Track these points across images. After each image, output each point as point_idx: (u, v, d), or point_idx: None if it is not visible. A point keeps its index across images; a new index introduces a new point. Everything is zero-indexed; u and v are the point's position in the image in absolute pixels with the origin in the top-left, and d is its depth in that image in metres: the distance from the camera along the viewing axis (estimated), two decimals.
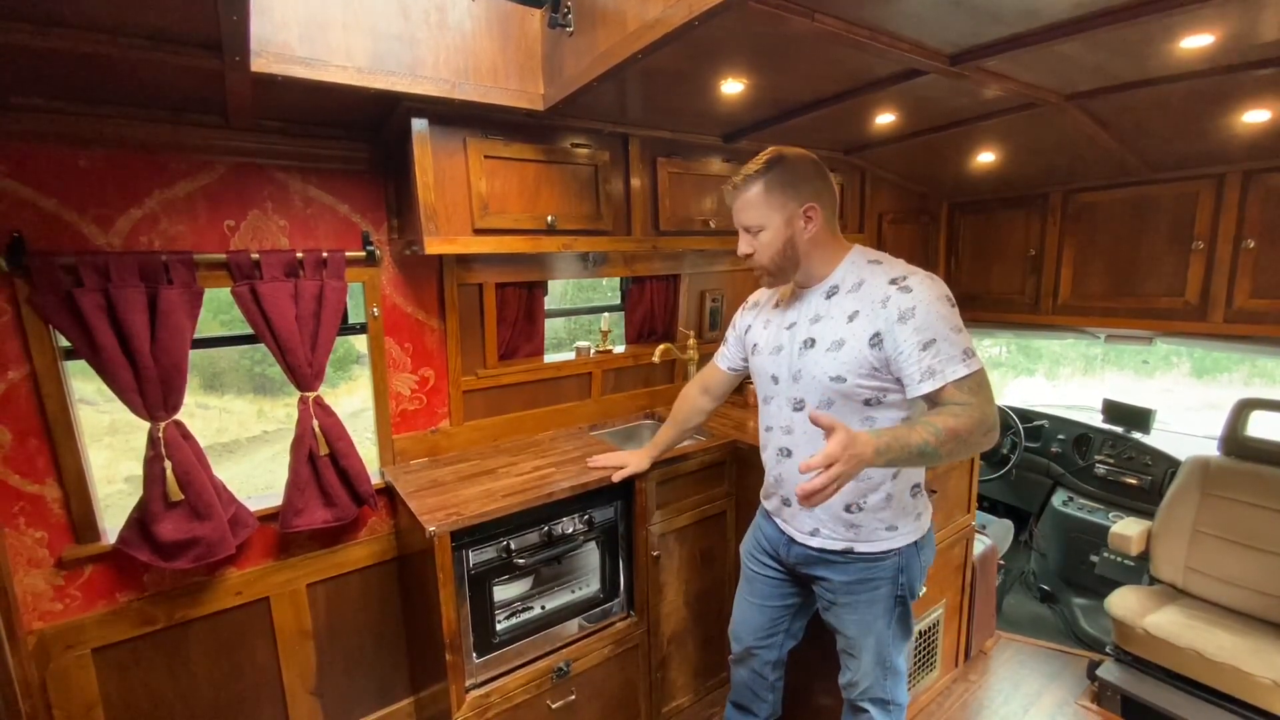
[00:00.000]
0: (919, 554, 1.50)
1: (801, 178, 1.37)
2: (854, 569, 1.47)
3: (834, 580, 1.51)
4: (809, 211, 1.36)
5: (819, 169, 1.40)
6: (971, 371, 1.23)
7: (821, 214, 1.37)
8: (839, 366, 1.35)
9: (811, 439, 1.44)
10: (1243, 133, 1.93)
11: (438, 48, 1.59)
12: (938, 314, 1.24)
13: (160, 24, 1.18)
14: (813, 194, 1.37)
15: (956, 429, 1.19)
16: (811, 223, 1.37)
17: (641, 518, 2.04)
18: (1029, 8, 1.23)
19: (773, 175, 1.36)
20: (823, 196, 1.38)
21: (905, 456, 1.16)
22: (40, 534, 1.63)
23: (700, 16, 1.12)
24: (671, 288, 2.75)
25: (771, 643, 1.74)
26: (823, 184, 1.39)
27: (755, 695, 1.82)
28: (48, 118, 1.50)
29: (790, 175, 1.36)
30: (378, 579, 2.14)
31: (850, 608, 1.51)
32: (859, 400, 1.36)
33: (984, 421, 1.22)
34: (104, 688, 1.73)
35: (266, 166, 1.81)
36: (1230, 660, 1.97)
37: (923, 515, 1.51)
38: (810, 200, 1.36)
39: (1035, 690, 2.40)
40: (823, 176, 1.39)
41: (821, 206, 1.37)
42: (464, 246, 1.81)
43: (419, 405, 2.18)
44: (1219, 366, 5.31)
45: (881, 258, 1.40)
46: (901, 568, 1.47)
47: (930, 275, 1.31)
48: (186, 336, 1.66)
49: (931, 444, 1.17)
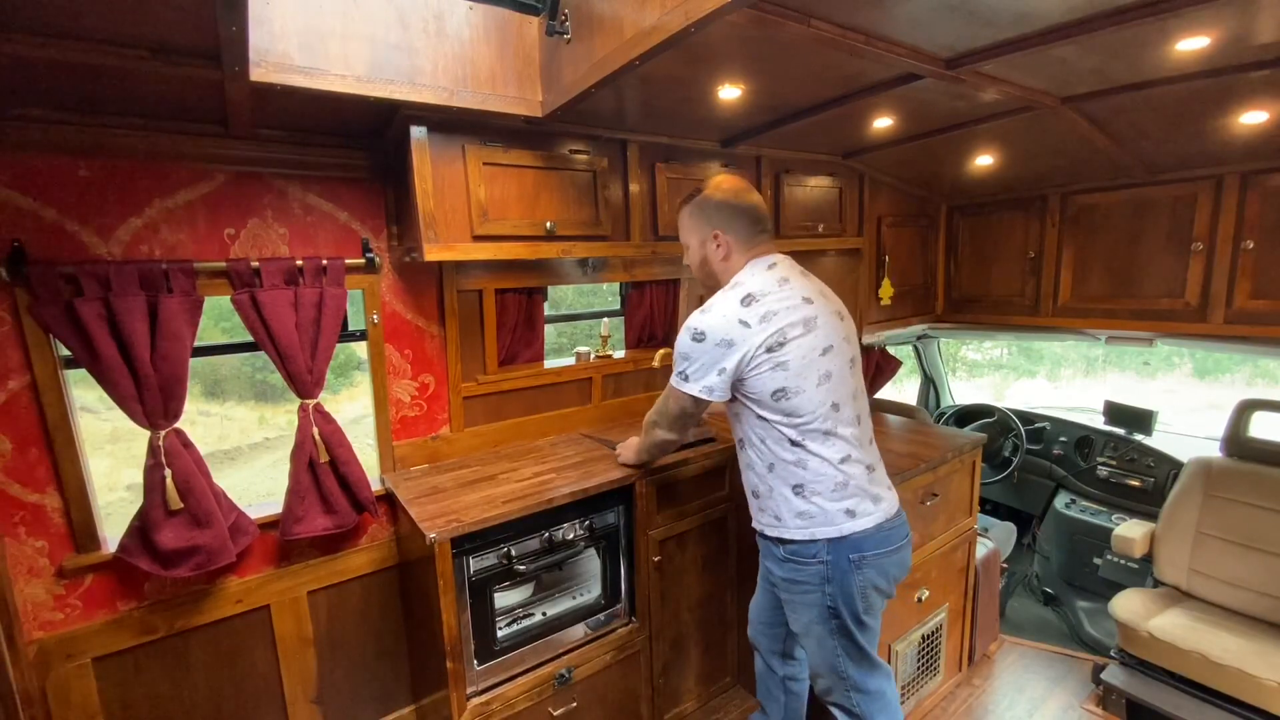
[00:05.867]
0: (854, 569, 1.49)
1: (713, 208, 1.59)
2: (786, 566, 1.56)
3: (773, 572, 1.63)
4: (716, 238, 1.59)
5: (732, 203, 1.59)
6: (672, 383, 1.59)
7: (730, 239, 1.59)
8: None
9: None
10: (1240, 134, 1.93)
11: (436, 56, 1.60)
12: (680, 337, 1.56)
13: (160, 35, 1.19)
14: (722, 223, 1.58)
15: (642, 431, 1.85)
16: (720, 246, 1.60)
17: (642, 523, 2.04)
18: (1024, 11, 1.23)
19: (695, 204, 1.63)
20: (733, 224, 1.58)
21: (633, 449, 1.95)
22: (41, 543, 1.63)
23: (697, 23, 1.13)
24: (671, 292, 2.75)
25: (774, 633, 1.83)
26: (733, 213, 1.58)
27: (768, 691, 1.90)
28: (48, 128, 1.51)
29: (705, 205, 1.61)
30: (378, 586, 2.14)
31: (790, 605, 1.62)
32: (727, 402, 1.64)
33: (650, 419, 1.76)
34: (105, 697, 1.72)
35: (266, 175, 1.81)
36: (1235, 663, 1.95)
37: (814, 515, 1.50)
38: (717, 228, 1.59)
39: (1040, 694, 2.39)
40: (733, 208, 1.58)
41: (729, 233, 1.58)
42: (463, 253, 1.81)
43: (419, 412, 2.18)
44: (1221, 367, 5.30)
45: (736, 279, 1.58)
46: (828, 577, 1.50)
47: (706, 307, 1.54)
48: (187, 345, 1.66)
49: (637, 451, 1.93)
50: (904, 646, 2.09)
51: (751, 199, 1.60)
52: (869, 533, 1.50)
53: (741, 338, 1.46)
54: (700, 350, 1.50)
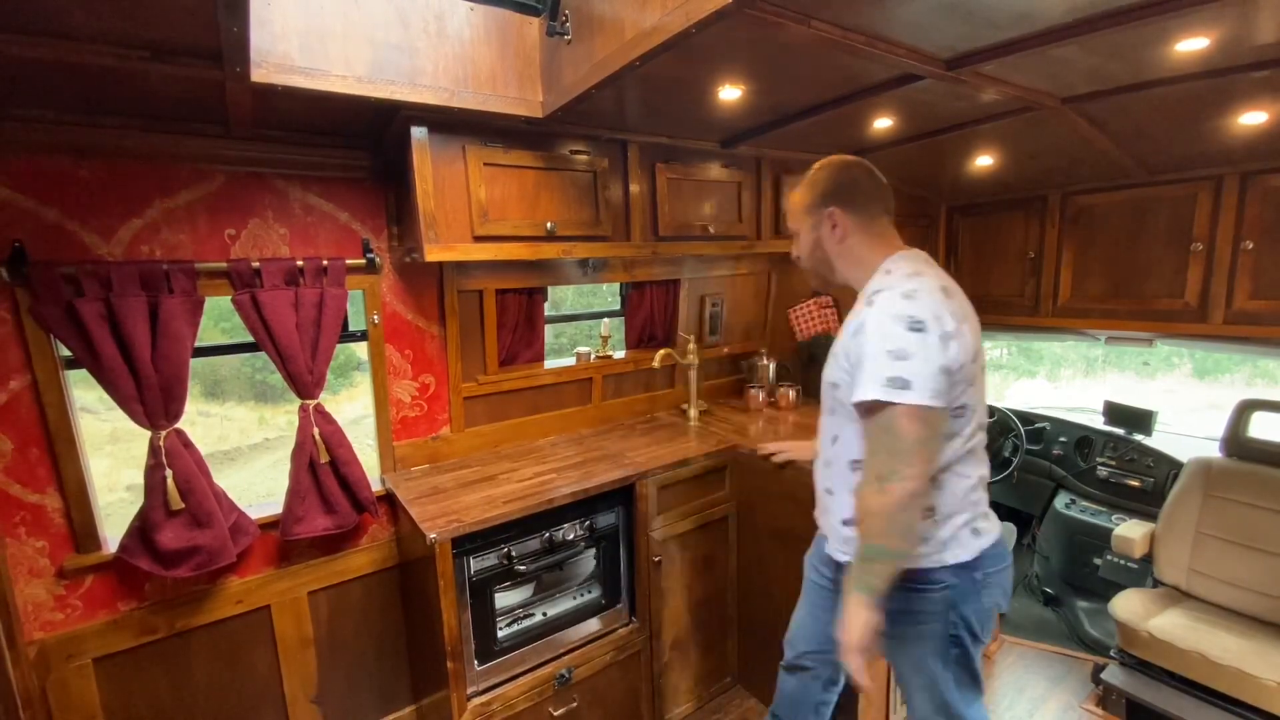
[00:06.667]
0: (978, 591, 1.32)
1: (830, 184, 1.40)
2: (897, 596, 1.28)
3: None
4: (831, 216, 1.38)
5: (852, 176, 1.40)
6: (886, 400, 1.16)
7: (849, 219, 1.38)
8: (832, 373, 1.39)
9: (824, 439, 1.47)
10: (1240, 135, 1.93)
11: (437, 56, 1.60)
12: (879, 331, 1.21)
13: (161, 35, 1.19)
14: (839, 199, 1.38)
15: (858, 511, 1.25)
16: (837, 227, 1.39)
17: (643, 523, 2.04)
18: (1024, 12, 1.23)
19: (807, 181, 1.44)
20: (853, 201, 1.38)
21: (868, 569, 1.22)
22: (41, 543, 1.63)
23: (697, 24, 1.13)
24: (671, 293, 2.75)
25: (824, 659, 1.61)
26: (854, 190, 1.39)
27: (796, 711, 1.69)
28: (49, 128, 1.51)
29: (819, 182, 1.41)
30: (379, 586, 2.14)
31: (898, 641, 1.36)
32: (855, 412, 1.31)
33: (870, 480, 1.20)
34: (105, 698, 1.73)
35: (267, 175, 1.81)
36: (1235, 663, 1.96)
37: (945, 540, 1.31)
38: (834, 205, 1.38)
39: (1040, 694, 2.39)
40: (854, 184, 1.39)
41: (848, 212, 1.38)
42: (464, 253, 1.81)
43: (419, 412, 2.18)
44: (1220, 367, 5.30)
45: (896, 266, 1.34)
46: (954, 603, 1.30)
47: (909, 292, 1.23)
48: (187, 345, 1.66)
49: (860, 545, 1.23)
50: None
51: (869, 173, 1.41)
52: (988, 550, 1.34)
53: (956, 333, 1.22)
54: (922, 344, 1.17)
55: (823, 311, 2.91)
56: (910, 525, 1.22)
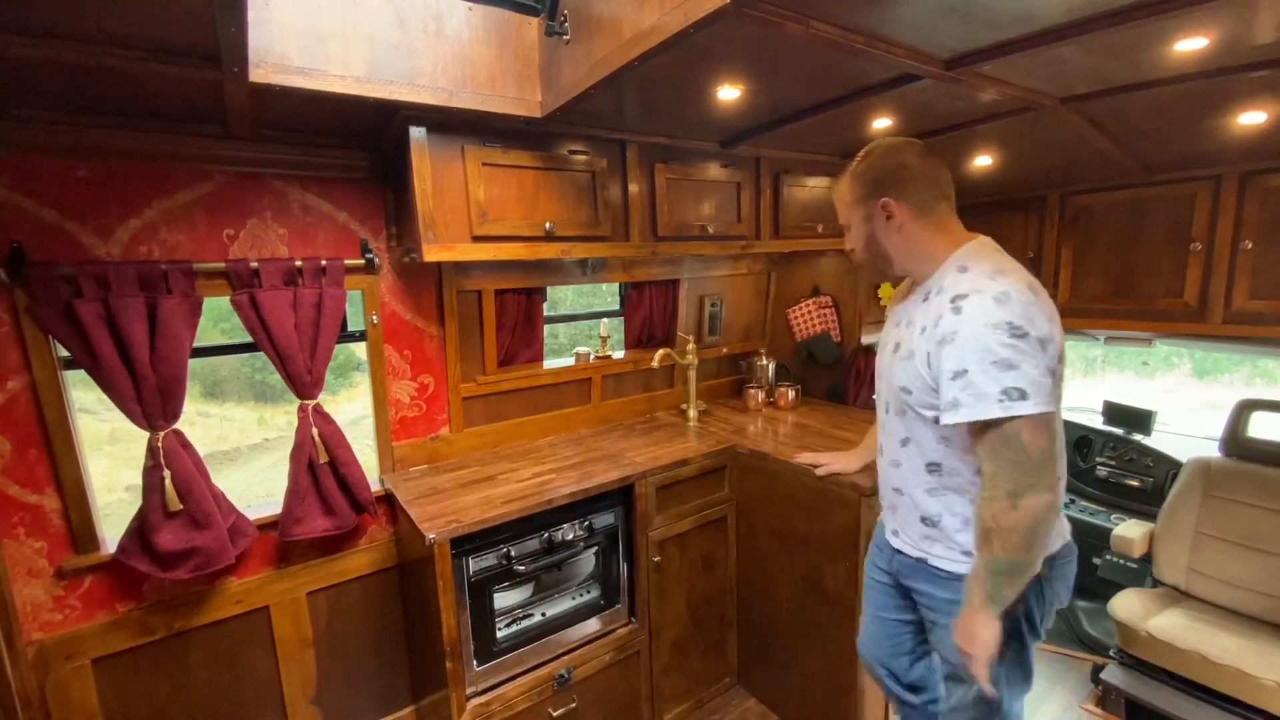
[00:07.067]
0: (1041, 584, 1.28)
1: (881, 172, 1.32)
2: (955, 585, 1.29)
3: (934, 595, 1.38)
4: (885, 207, 1.31)
5: (901, 161, 1.31)
6: (1003, 416, 1.12)
7: (905, 209, 1.30)
8: (905, 377, 1.31)
9: (891, 439, 1.41)
10: (1239, 134, 1.93)
11: (435, 56, 1.60)
12: (978, 343, 1.14)
13: (159, 36, 1.18)
14: (893, 188, 1.30)
15: (980, 528, 1.19)
16: (892, 219, 1.32)
17: (642, 523, 2.04)
18: (1023, 12, 1.23)
19: (854, 171, 1.36)
20: (907, 189, 1.30)
21: (994, 584, 1.18)
22: (39, 544, 1.63)
23: (696, 24, 1.13)
24: (670, 293, 2.75)
25: (897, 663, 1.57)
26: (907, 177, 1.30)
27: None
28: (47, 129, 1.51)
29: (868, 170, 1.34)
30: (378, 587, 2.13)
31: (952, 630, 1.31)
32: (929, 416, 1.28)
33: (1000, 498, 1.14)
34: (104, 699, 1.72)
35: (265, 175, 1.81)
36: (1234, 662, 1.96)
37: None
38: (886, 195, 1.31)
39: (1039, 694, 2.39)
40: (905, 170, 1.31)
41: (904, 201, 1.30)
42: (462, 254, 1.81)
43: (418, 412, 2.18)
44: (1220, 367, 5.30)
45: (972, 263, 1.26)
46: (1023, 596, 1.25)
47: (1000, 296, 1.16)
48: (186, 346, 1.66)
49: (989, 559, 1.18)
50: None
51: (921, 155, 1.32)
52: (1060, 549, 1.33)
53: (1049, 335, 1.18)
54: (1027, 350, 1.13)
55: (822, 311, 2.90)
56: (1044, 535, 1.18)
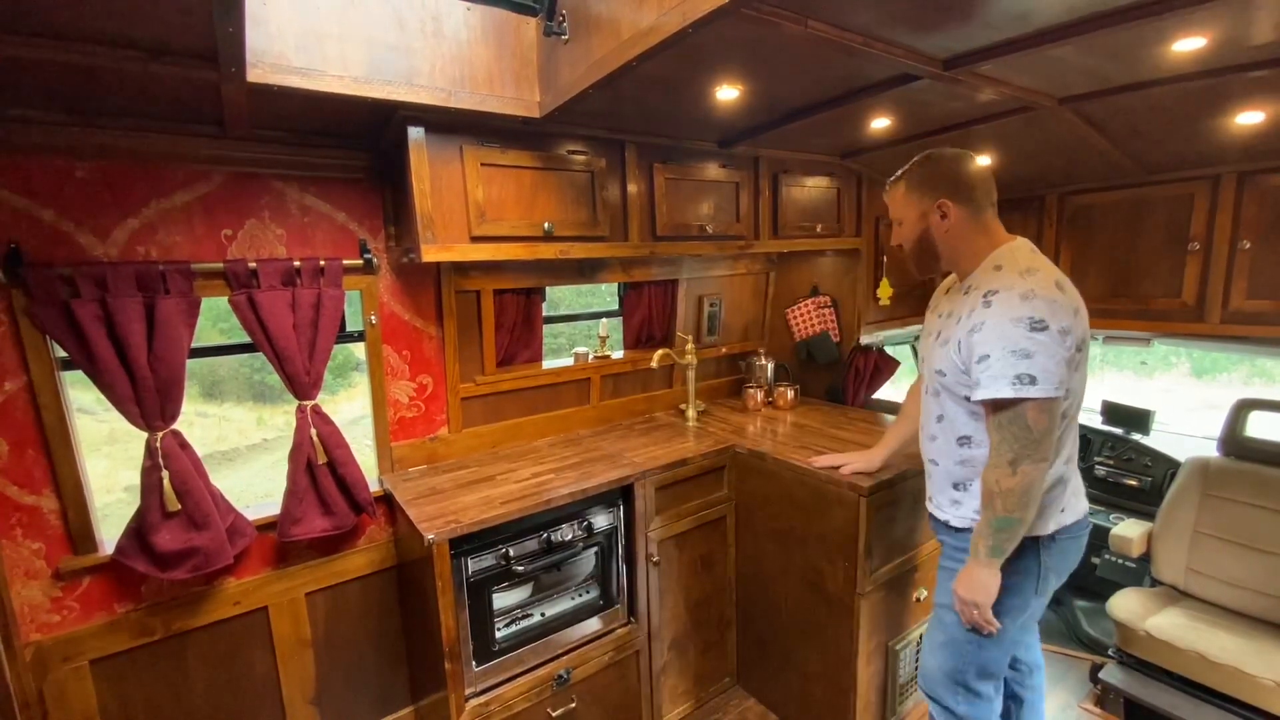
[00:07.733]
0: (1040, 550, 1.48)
1: (940, 176, 1.49)
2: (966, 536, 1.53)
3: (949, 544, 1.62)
4: (941, 207, 1.48)
5: (962, 168, 1.48)
6: (1013, 396, 1.31)
7: (958, 210, 1.47)
8: (941, 360, 1.50)
9: (928, 416, 1.61)
10: (1237, 134, 1.93)
11: (434, 56, 1.60)
12: (1000, 332, 1.33)
13: (156, 36, 1.18)
14: (950, 191, 1.47)
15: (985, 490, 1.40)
16: (946, 218, 1.48)
17: (641, 523, 2.04)
18: (1021, 12, 1.23)
19: (912, 173, 1.53)
20: (961, 193, 1.47)
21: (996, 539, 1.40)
22: (37, 545, 1.63)
23: (694, 24, 1.13)
24: (669, 292, 2.75)
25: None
26: (963, 182, 1.47)
27: None
28: (45, 129, 1.51)
29: (927, 173, 1.50)
30: (377, 587, 2.13)
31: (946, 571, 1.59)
32: (962, 397, 1.46)
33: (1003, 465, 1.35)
34: (102, 699, 1.72)
35: (263, 176, 1.81)
36: (1233, 662, 1.96)
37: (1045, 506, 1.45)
38: (944, 196, 1.47)
39: None
40: (964, 176, 1.48)
41: (957, 203, 1.47)
42: (461, 254, 1.81)
43: (417, 413, 2.18)
44: (1218, 367, 5.30)
45: (1006, 262, 1.43)
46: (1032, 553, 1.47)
47: (1026, 293, 1.32)
48: (184, 346, 1.66)
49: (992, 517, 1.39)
50: (902, 646, 2.09)
51: (977, 166, 1.50)
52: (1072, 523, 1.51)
53: (1071, 326, 1.34)
54: (1044, 342, 1.30)
55: (820, 311, 2.91)
56: (1037, 497, 1.38)
